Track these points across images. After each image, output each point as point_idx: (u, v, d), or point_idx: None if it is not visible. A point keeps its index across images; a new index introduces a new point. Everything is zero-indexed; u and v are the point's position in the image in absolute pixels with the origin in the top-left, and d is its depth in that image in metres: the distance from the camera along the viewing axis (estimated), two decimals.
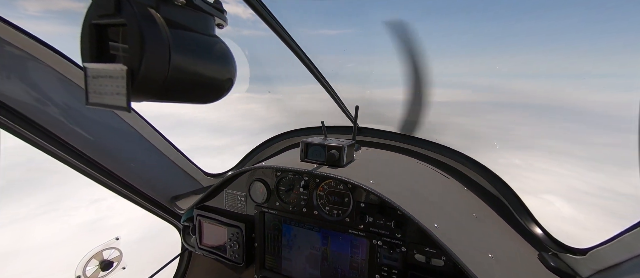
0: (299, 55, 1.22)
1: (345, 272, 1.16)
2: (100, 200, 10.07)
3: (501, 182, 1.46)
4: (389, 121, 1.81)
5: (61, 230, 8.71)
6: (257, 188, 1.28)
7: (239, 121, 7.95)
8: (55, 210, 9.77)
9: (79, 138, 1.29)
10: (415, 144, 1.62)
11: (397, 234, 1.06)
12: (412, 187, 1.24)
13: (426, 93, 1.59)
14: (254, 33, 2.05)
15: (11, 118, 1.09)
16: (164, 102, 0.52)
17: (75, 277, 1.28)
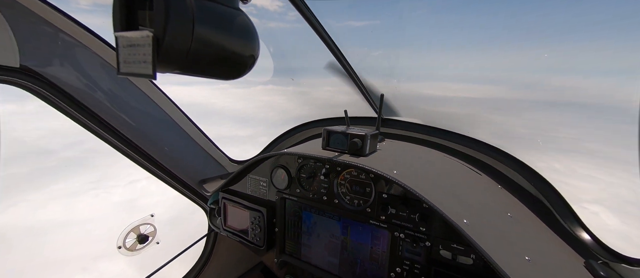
0: (329, 44, 1.20)
1: (365, 262, 1.14)
2: (135, 182, 10.87)
3: (543, 182, 1.33)
4: (415, 115, 1.73)
5: (102, 206, 9.56)
6: (279, 175, 1.29)
7: (261, 113, 8.15)
8: (98, 187, 10.71)
9: (122, 122, 1.39)
10: (444, 138, 1.53)
11: (421, 227, 1.01)
12: (439, 180, 1.17)
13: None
14: (280, 25, 2.07)
15: (66, 102, 1.20)
16: (188, 74, 0.53)
17: (117, 246, 1.40)
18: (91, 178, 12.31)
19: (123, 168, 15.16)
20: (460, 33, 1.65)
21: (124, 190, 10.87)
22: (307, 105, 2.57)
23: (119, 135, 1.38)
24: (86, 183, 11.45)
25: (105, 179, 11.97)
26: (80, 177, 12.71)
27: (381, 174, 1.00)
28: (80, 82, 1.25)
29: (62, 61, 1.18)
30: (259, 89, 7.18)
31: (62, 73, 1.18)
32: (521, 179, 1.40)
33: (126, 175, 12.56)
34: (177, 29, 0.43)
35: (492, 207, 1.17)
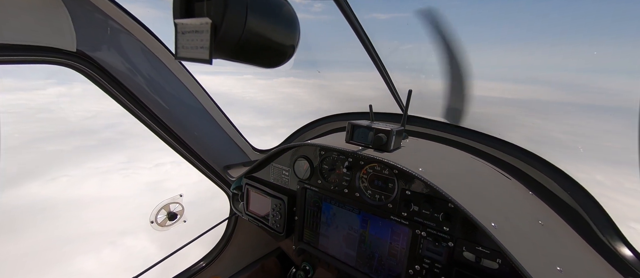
0: (359, 32, 1.19)
1: (383, 257, 1.13)
2: (161, 165, 11.53)
3: (581, 191, 1.24)
4: (443, 114, 1.67)
5: (130, 185, 10.22)
6: (301, 165, 1.31)
7: (282, 104, 8.30)
8: (128, 168, 11.47)
9: (158, 106, 1.48)
10: (472, 138, 1.47)
11: (444, 227, 0.99)
12: (466, 181, 1.13)
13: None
14: (305, 17, 2.07)
15: (111, 84, 1.30)
16: (233, 61, 0.56)
17: (149, 221, 1.52)
18: (122, 158, 13.22)
19: (151, 151, 16.07)
20: (498, 28, 1.56)
21: (150, 172, 11.59)
22: (327, 98, 2.56)
23: (155, 117, 1.48)
24: (118, 163, 12.34)
25: (135, 160, 12.81)
26: (113, 157, 13.68)
27: (406, 170, 0.99)
28: (123, 66, 1.35)
29: (109, 46, 1.28)
30: (281, 80, 7.10)
31: (109, 57, 1.28)
32: (555, 187, 1.32)
33: (153, 158, 13.36)
34: (233, 17, 0.46)
35: (521, 213, 1.12)
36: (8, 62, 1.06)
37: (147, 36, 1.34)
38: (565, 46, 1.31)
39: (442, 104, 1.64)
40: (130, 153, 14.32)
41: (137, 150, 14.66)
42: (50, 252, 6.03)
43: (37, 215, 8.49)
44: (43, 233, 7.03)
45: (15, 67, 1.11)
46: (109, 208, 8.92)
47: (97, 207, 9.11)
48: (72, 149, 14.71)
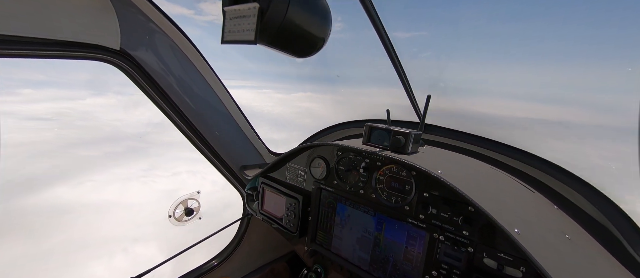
0: (385, 43, 1.22)
1: (398, 262, 1.10)
2: (178, 174, 11.96)
3: (615, 208, 1.16)
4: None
5: (147, 192, 10.53)
6: (318, 165, 1.33)
7: (298, 118, 8.49)
8: (147, 175, 11.89)
9: (186, 105, 1.57)
10: (493, 149, 1.43)
11: (464, 231, 0.95)
12: (487, 187, 1.10)
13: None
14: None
15: (147, 82, 1.40)
16: (270, 47, 0.61)
17: (168, 215, 1.57)
18: (144, 165, 13.83)
19: (170, 160, 16.60)
20: (523, 45, 1.54)
21: (167, 180, 12.03)
22: (343, 113, 2.59)
23: (182, 115, 1.56)
24: (139, 170, 12.93)
25: (154, 168, 13.36)
26: (135, 164, 14.33)
27: (425, 170, 0.98)
28: (158, 66, 1.46)
29: (147, 47, 1.40)
30: (298, 95, 7.27)
31: (147, 57, 1.39)
32: (586, 203, 1.24)
33: (171, 167, 13.89)
34: (277, 5, 0.51)
35: (546, 225, 1.05)
36: (61, 57, 1.18)
37: (182, 39, 1.46)
38: (598, 64, 1.27)
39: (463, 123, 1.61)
40: (151, 161, 15.04)
41: (158, 158, 15.39)
42: (66, 255, 6.23)
43: (61, 217, 8.94)
44: (63, 235, 7.34)
45: (64, 77, 1.23)
46: (125, 215, 9.24)
47: (115, 213, 9.46)
48: (101, 155, 15.65)
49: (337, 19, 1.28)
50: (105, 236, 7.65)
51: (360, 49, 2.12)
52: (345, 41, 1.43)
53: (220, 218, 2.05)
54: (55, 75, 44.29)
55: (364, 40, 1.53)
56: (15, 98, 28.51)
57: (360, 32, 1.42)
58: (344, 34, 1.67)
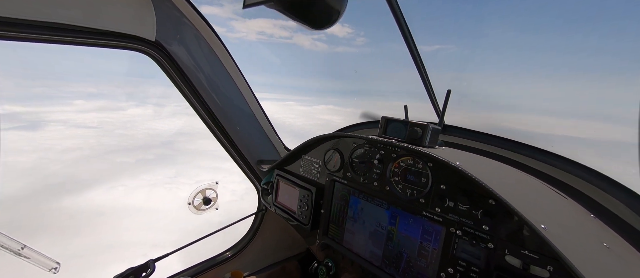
0: (414, 55, 1.22)
1: (412, 257, 1.04)
2: (200, 182, 12.18)
3: None
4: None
5: (170, 199, 10.94)
6: (332, 157, 1.32)
7: (319, 131, 8.52)
8: (173, 182, 12.41)
9: (212, 100, 1.64)
10: (521, 152, 1.33)
11: (483, 226, 0.88)
12: (510, 185, 1.02)
13: None
14: (347, 50, 2.22)
15: (178, 75, 1.50)
16: (286, 13, 0.64)
17: (187, 203, 1.63)
18: (170, 173, 14.50)
19: (194, 167, 17.25)
20: (560, 58, 1.46)
21: (190, 188, 12.52)
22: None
23: (207, 109, 1.64)
24: (165, 177, 13.56)
25: (180, 175, 13.95)
26: (163, 171, 15.06)
27: (443, 160, 0.94)
28: (189, 61, 1.56)
29: (180, 41, 1.51)
30: (320, 108, 7.35)
31: (179, 51, 1.51)
32: (630, 215, 1.10)
33: (195, 174, 14.41)
34: None
35: (580, 230, 0.95)
36: (103, 45, 1.31)
37: (212, 36, 1.56)
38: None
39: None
40: (177, 169, 15.79)
41: (183, 166, 16.13)
42: (90, 257, 6.53)
43: (91, 220, 9.53)
44: (91, 237, 7.77)
45: (111, 90, 1.36)
46: (148, 220, 9.63)
47: (140, 217, 9.89)
48: (134, 162, 16.73)
49: (359, 34, 1.30)
50: (127, 241, 7.97)
51: (381, 62, 2.12)
52: (368, 55, 1.44)
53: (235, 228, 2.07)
54: (104, 88, 49.05)
55: (386, 53, 1.53)
56: (69, 108, 31.58)
57: (382, 45, 1.44)
58: (367, 48, 1.67)
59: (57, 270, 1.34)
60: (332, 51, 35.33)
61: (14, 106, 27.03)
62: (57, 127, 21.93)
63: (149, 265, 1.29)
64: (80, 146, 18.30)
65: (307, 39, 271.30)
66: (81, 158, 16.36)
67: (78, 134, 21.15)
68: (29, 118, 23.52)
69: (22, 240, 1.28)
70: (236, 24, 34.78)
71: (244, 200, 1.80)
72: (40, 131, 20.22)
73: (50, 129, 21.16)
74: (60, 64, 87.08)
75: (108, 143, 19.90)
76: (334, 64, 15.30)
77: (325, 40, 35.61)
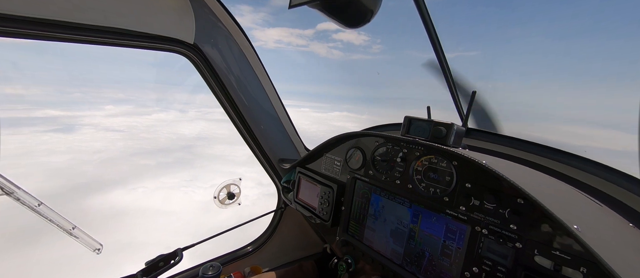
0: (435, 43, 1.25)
1: (434, 256, 1.03)
2: (215, 186, 12.52)
3: None
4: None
5: (186, 202, 11.27)
6: (354, 156, 1.35)
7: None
8: (189, 186, 12.81)
9: (240, 100, 1.73)
10: (551, 157, 1.29)
11: (511, 225, 0.87)
12: (540, 186, 1.00)
13: None
14: (363, 57, 2.27)
15: (211, 75, 1.59)
16: (324, 12, 0.70)
17: (213, 196, 1.70)
18: (187, 176, 14.97)
19: (209, 172, 17.64)
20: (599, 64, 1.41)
21: (204, 192, 12.80)
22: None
23: (235, 109, 1.73)
24: (182, 180, 14.01)
25: (196, 179, 14.37)
26: (181, 174, 15.56)
27: (469, 158, 0.94)
28: (222, 63, 1.65)
29: (214, 45, 1.62)
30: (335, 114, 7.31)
31: (213, 53, 1.61)
32: None
33: (210, 179, 14.77)
34: None
35: (617, 236, 0.91)
36: (146, 48, 1.44)
37: (244, 40, 1.66)
38: None
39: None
40: (195, 172, 16.31)
41: (200, 170, 16.65)
42: (108, 256, 6.79)
43: (110, 219, 9.93)
44: (111, 236, 8.08)
45: (139, 96, 1.48)
46: (164, 221, 9.93)
47: (156, 219, 10.22)
48: (155, 164, 17.48)
49: (376, 41, 1.35)
50: (142, 241, 8.20)
51: (398, 69, 2.14)
52: (383, 62, 1.47)
53: (246, 233, 2.11)
54: (132, 94, 52.29)
55: (403, 60, 1.57)
56: (100, 113, 33.69)
57: (399, 52, 1.47)
58: (384, 56, 1.71)
59: (100, 251, 1.44)
60: (348, 58, 35.61)
61: (53, 111, 29.24)
62: (89, 130, 23.43)
63: (177, 253, 1.36)
64: (108, 148, 19.36)
65: (323, 47, 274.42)
66: (108, 159, 17.26)
67: (106, 137, 22.44)
68: (65, 121, 25.36)
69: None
70: (256, 32, 36.84)
71: (255, 205, 1.84)
72: (74, 134, 21.69)
73: (82, 132, 22.66)
74: (95, 72, 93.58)
75: (133, 146, 20.92)
76: (349, 71, 15.45)
77: (342, 48, 36.29)
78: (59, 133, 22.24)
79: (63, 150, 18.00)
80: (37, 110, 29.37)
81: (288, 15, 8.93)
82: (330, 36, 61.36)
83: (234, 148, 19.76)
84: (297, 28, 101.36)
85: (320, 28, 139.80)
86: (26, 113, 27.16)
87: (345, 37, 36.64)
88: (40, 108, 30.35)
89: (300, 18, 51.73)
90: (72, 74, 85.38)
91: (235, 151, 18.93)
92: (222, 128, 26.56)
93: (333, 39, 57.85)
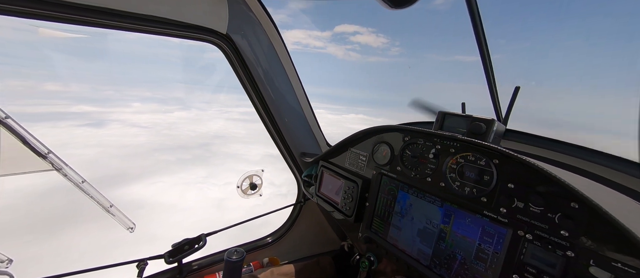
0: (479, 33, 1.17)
1: (467, 260, 0.95)
2: (228, 184, 12.87)
3: None
4: None
5: (200, 199, 11.53)
6: (381, 151, 1.30)
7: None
8: (204, 183, 13.12)
9: (267, 93, 1.73)
10: (605, 163, 1.16)
11: (561, 231, 0.78)
12: (597, 192, 0.90)
13: None
14: (380, 59, 2.21)
15: (241, 66, 1.60)
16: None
17: (236, 186, 1.71)
18: (203, 173, 15.34)
19: (224, 170, 17.98)
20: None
21: (218, 189, 13.03)
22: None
23: (262, 100, 1.73)
24: (198, 177, 14.36)
25: (211, 176, 14.68)
26: (197, 171, 15.99)
27: (514, 156, 0.87)
28: (251, 55, 1.66)
29: (246, 35, 1.64)
30: (350, 117, 7.18)
31: (244, 44, 1.62)
32: None
33: (224, 177, 15.06)
34: None
35: None
36: (181, 36, 1.47)
37: (274, 32, 1.67)
38: None
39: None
40: (210, 170, 16.72)
41: (215, 168, 17.05)
42: (124, 247, 7.02)
43: (133, 212, 10.34)
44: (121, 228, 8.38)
45: (163, 94, 1.51)
46: (177, 217, 10.17)
47: (170, 214, 10.51)
48: (174, 160, 18.13)
49: (395, 44, 1.30)
50: (156, 235, 8.42)
51: (417, 73, 2.07)
52: (401, 65, 1.41)
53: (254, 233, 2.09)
54: (158, 93, 55.15)
55: (422, 64, 1.50)
56: (127, 109, 35.68)
57: (419, 55, 1.41)
58: (402, 59, 1.65)
59: (133, 230, 1.49)
60: (365, 60, 35.11)
61: (86, 106, 31.30)
62: (117, 126, 24.76)
63: (201, 238, 1.38)
64: (133, 144, 20.31)
65: (340, 49, 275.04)
66: (132, 154, 18.08)
67: (133, 133, 23.57)
68: (96, 117, 27.00)
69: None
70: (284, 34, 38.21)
71: (266, 205, 1.85)
72: (104, 129, 23.00)
73: (111, 127, 23.99)
74: (127, 72, 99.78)
75: (155, 142, 21.81)
76: (366, 74, 15.07)
77: (359, 50, 35.96)
78: (91, 127, 23.64)
79: (93, 144, 19.09)
80: (73, 106, 31.56)
81: (306, 17, 8.84)
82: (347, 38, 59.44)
83: (249, 147, 20.04)
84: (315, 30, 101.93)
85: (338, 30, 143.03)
86: (64, 108, 29.23)
87: (363, 39, 35.21)
88: (76, 104, 32.62)
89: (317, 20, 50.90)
90: (109, 72, 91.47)
91: (250, 151, 19.23)
92: (238, 127, 27.19)
93: (350, 41, 55.96)
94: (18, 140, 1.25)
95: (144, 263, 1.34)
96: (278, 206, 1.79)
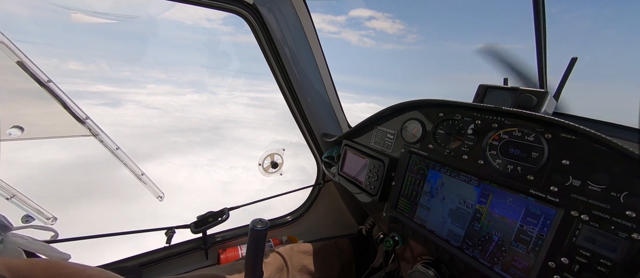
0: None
1: (506, 242, 0.89)
2: (234, 168, 13.01)
3: None
4: None
5: (207, 181, 11.69)
6: (411, 128, 1.23)
7: None
8: (211, 165, 13.34)
9: (291, 72, 1.68)
10: None
11: (627, 212, 0.70)
12: None
13: None
14: (396, 47, 2.08)
15: (266, 40, 1.51)
16: None
17: (258, 164, 1.69)
18: (211, 156, 15.59)
19: (231, 154, 18.20)
20: None
21: (224, 172, 13.25)
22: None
23: (286, 79, 1.67)
24: (206, 160, 14.61)
25: (218, 160, 14.91)
26: (205, 154, 16.26)
27: (573, 127, 0.79)
28: (278, 31, 1.57)
29: (273, 8, 1.56)
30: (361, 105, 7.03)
31: (270, 18, 1.55)
32: None
33: (231, 161, 15.25)
34: None
35: None
36: (206, 5, 1.41)
37: (302, 8, 1.58)
38: None
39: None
40: (218, 153, 17.00)
41: (223, 152, 17.32)
42: (134, 223, 7.24)
43: (135, 189, 10.63)
44: (138, 206, 8.59)
45: (177, 77, 1.45)
46: (183, 198, 10.38)
47: (177, 194, 10.74)
48: (184, 142, 18.50)
49: (412, 31, 1.18)
50: (161, 214, 8.62)
51: (434, 62, 1.94)
52: (418, 54, 1.30)
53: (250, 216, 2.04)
54: (173, 75, 56.05)
55: (440, 52, 1.37)
56: (142, 90, 36.46)
57: (437, 43, 1.28)
58: (419, 46, 1.52)
59: (162, 199, 1.52)
60: (380, 48, 33.63)
61: (104, 86, 32.12)
62: (132, 106, 25.35)
63: (224, 211, 1.41)
64: (145, 124, 20.79)
65: (355, 35, 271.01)
66: (145, 134, 18.52)
67: (147, 113, 24.11)
68: (113, 97, 27.71)
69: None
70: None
71: (271, 190, 1.82)
72: (119, 109, 23.60)
73: (126, 107, 24.58)
74: (143, 53, 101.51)
75: (167, 123, 22.26)
76: (380, 61, 14.44)
77: (374, 36, 34.45)
78: (108, 106, 24.26)
79: (109, 122, 19.63)
80: (92, 85, 32.48)
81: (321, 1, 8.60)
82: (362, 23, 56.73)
83: (257, 133, 20.15)
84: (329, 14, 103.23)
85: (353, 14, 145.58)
86: (84, 88, 30.13)
87: (379, 24, 33.64)
88: (95, 84, 33.53)
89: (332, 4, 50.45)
90: (125, 53, 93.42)
91: (259, 136, 19.38)
92: (248, 112, 27.37)
93: (365, 26, 53.29)
94: (59, 104, 1.27)
95: (172, 232, 1.38)
96: (281, 192, 1.74)
